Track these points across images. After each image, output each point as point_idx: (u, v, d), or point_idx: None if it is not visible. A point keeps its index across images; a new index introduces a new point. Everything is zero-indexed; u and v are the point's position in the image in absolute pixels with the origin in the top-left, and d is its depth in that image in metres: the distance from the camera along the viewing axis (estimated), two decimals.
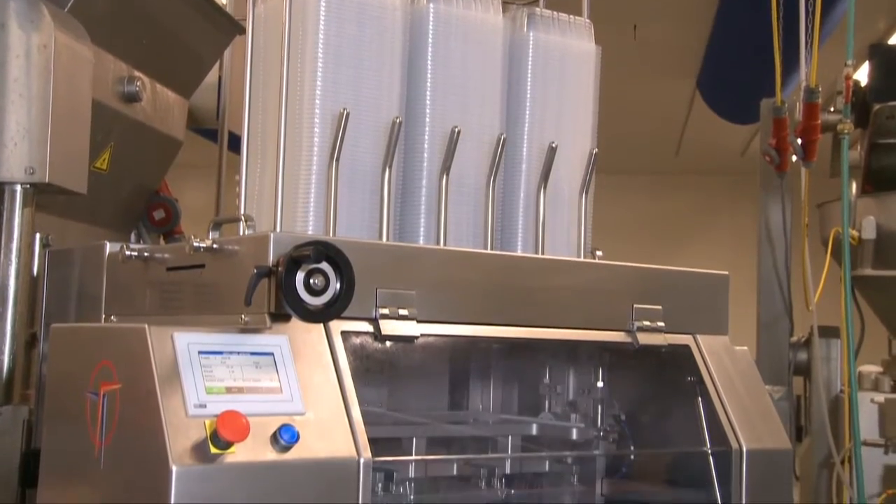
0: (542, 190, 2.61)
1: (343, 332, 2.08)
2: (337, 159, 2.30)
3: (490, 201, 2.54)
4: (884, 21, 8.47)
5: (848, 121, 4.53)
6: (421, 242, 2.47)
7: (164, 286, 2.30)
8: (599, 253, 2.74)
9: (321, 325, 2.05)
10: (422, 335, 2.19)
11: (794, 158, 4.63)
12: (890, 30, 8.65)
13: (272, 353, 1.98)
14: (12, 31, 2.71)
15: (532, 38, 2.68)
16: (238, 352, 1.96)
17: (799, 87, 4.56)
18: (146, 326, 1.91)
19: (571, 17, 2.77)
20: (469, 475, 2.60)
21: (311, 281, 1.98)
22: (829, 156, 4.78)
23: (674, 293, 2.60)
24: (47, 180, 2.71)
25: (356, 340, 2.19)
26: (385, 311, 2.14)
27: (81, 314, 2.57)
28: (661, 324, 2.54)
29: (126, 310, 2.42)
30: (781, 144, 4.62)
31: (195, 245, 2.14)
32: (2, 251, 2.74)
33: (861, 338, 4.85)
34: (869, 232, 4.58)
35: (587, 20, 2.81)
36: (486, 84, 2.60)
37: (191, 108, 4.00)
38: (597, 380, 2.77)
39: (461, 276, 2.30)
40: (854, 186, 4.63)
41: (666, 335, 2.55)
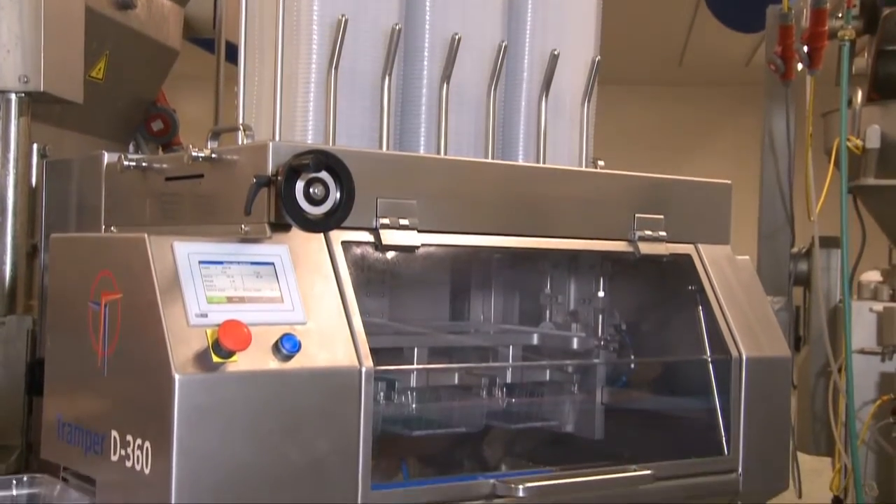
0: (544, 99, 2.58)
1: (344, 243, 2.08)
2: (336, 68, 2.27)
3: (491, 110, 2.51)
4: None
5: (849, 27, 4.46)
6: (421, 152, 2.45)
7: (164, 197, 2.29)
8: (601, 163, 2.72)
9: (321, 235, 2.05)
10: (422, 245, 2.19)
11: (800, 67, 4.57)
12: None
13: (273, 263, 1.98)
14: None
15: None
16: (238, 261, 1.96)
17: None
18: (146, 236, 1.91)
19: None
20: (470, 385, 2.62)
21: (311, 190, 1.97)
22: (836, 64, 4.72)
23: (676, 202, 2.58)
24: (42, 89, 2.68)
25: (357, 251, 2.19)
26: (385, 221, 2.14)
27: (81, 225, 2.56)
28: (663, 233, 2.54)
29: (125, 220, 2.41)
30: (787, 52, 4.55)
31: (194, 155, 2.12)
32: None
33: (862, 248, 4.85)
34: (873, 141, 4.53)
35: None
36: None
37: (187, 18, 3.94)
38: (598, 290, 2.78)
39: (462, 186, 2.29)
40: (860, 95, 4.58)
41: (667, 245, 2.54)
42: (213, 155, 2.12)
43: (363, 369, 1.97)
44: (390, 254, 2.30)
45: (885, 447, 4.58)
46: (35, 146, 2.85)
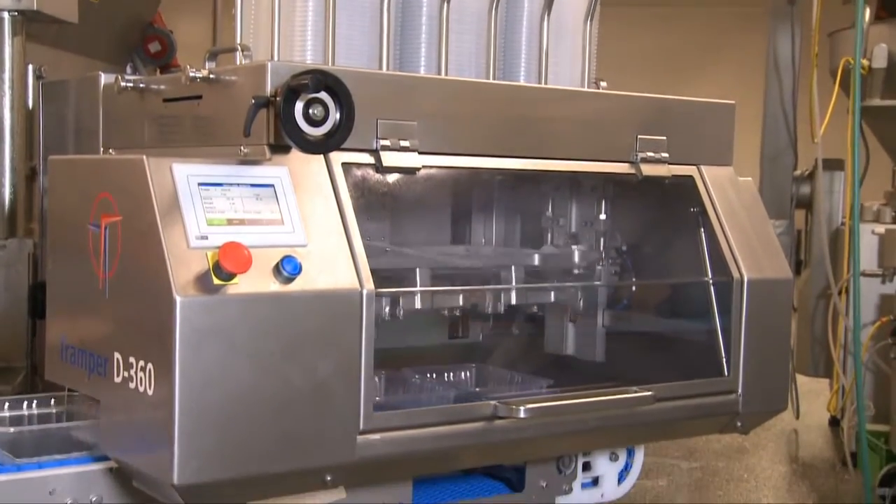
0: (546, 17, 2.54)
1: (344, 164, 2.06)
2: None
3: (492, 30, 2.47)
4: None
5: None
6: (422, 72, 2.41)
7: (162, 118, 2.27)
8: (604, 84, 2.69)
9: (321, 157, 2.03)
10: (423, 167, 2.17)
11: None
12: None
13: (272, 185, 1.97)
14: None
15: None
16: (238, 183, 1.94)
17: None
18: (144, 158, 1.89)
19: None
20: (471, 306, 2.62)
21: (310, 111, 1.95)
22: None
23: (678, 123, 2.56)
24: (35, 7, 2.64)
25: (357, 173, 2.17)
26: (386, 143, 2.12)
27: (79, 147, 2.54)
28: (665, 154, 2.52)
29: (124, 142, 2.39)
30: None
31: (192, 75, 2.09)
32: None
33: (865, 170, 4.83)
34: (880, 60, 4.48)
35: None
36: None
37: None
38: (599, 212, 2.77)
39: (463, 107, 2.26)
40: (868, 13, 4.51)
41: (670, 166, 2.52)
42: (212, 76, 2.10)
43: (364, 291, 1.97)
44: (391, 176, 2.28)
45: (883, 367, 4.62)
46: (31, 67, 2.82)
